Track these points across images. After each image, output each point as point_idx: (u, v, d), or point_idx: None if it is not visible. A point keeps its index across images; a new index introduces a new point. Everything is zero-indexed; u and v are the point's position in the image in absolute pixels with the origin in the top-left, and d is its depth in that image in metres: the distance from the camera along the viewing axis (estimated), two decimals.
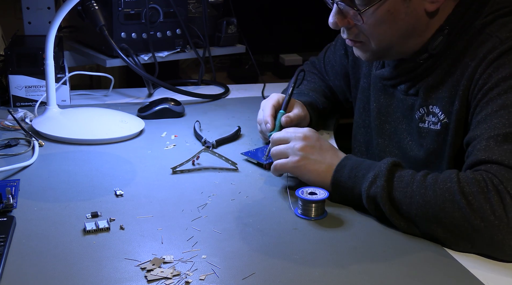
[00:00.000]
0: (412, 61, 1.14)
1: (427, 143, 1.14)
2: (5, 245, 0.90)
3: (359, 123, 1.34)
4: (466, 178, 0.94)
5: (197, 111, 1.60)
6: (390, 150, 1.22)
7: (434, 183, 0.96)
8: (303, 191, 1.05)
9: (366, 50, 1.15)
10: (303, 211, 1.04)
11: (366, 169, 1.04)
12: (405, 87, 1.17)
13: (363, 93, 1.31)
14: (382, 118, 1.24)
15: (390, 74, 1.19)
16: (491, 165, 0.94)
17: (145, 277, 0.85)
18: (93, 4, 1.63)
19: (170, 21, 1.78)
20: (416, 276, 0.89)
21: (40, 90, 1.54)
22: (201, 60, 1.87)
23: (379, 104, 1.24)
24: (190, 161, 1.22)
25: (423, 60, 1.12)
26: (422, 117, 1.14)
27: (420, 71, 1.13)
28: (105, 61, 1.72)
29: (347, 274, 0.88)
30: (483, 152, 0.96)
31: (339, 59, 1.44)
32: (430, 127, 1.13)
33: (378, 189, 1.00)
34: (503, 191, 0.91)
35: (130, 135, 1.39)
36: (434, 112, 1.12)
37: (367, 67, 1.31)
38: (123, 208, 1.05)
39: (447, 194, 0.94)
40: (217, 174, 1.21)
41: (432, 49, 1.10)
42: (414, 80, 1.15)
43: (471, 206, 0.91)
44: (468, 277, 0.89)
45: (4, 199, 1.02)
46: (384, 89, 1.23)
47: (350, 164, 1.07)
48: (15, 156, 1.26)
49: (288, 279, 0.86)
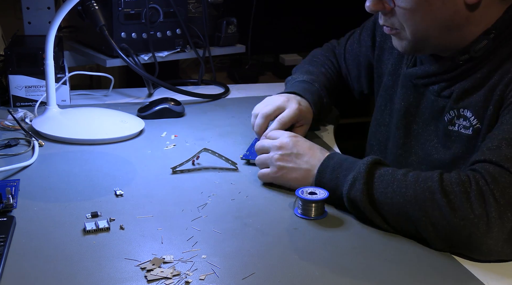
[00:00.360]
0: (450, 60, 1.10)
1: (456, 147, 1.10)
2: (5, 245, 0.90)
3: (380, 121, 1.30)
4: (450, 178, 0.93)
5: (197, 111, 1.60)
6: (415, 150, 1.20)
7: (415, 182, 0.96)
8: (303, 190, 1.05)
9: (402, 39, 1.11)
10: (303, 210, 1.04)
11: (347, 169, 1.04)
12: (438, 88, 1.13)
13: (386, 91, 1.28)
14: (409, 118, 1.20)
15: (425, 72, 1.15)
16: (489, 165, 0.93)
17: (145, 277, 0.85)
18: (93, 4, 1.63)
19: (170, 21, 1.78)
20: (416, 276, 0.89)
21: (40, 90, 1.54)
22: (201, 60, 1.87)
23: (407, 104, 1.20)
24: (190, 161, 1.22)
25: (463, 61, 1.08)
26: (452, 120, 1.10)
27: (458, 73, 1.10)
28: (105, 61, 1.72)
29: (347, 274, 0.88)
30: (491, 152, 0.95)
31: (364, 50, 1.40)
32: (460, 131, 1.09)
33: (357, 193, 1.00)
34: (486, 191, 0.90)
35: (130, 135, 1.39)
36: (466, 116, 1.08)
37: (393, 65, 1.28)
38: (123, 208, 1.05)
39: (427, 193, 0.93)
40: (217, 174, 1.21)
41: (474, 51, 1.06)
42: (450, 81, 1.11)
43: (451, 205, 0.91)
44: (468, 277, 0.89)
45: (4, 199, 1.02)
46: (414, 89, 1.19)
47: (332, 164, 1.07)
48: (15, 156, 1.26)
49: (288, 279, 0.86)
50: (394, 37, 1.14)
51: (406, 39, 1.10)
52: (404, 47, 1.13)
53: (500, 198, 0.89)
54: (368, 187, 0.99)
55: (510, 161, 0.92)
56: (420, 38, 1.09)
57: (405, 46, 1.12)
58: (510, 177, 0.91)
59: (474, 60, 1.07)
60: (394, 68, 1.27)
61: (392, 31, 1.12)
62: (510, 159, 0.92)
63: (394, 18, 1.09)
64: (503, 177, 0.91)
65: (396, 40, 1.14)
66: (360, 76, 1.43)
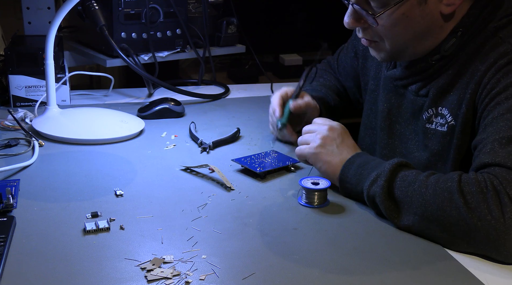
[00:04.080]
0: (424, 61, 1.13)
1: (432, 144, 1.14)
2: (5, 245, 0.90)
3: (367, 125, 1.34)
4: (467, 179, 0.95)
5: (197, 111, 1.60)
6: (399, 150, 1.22)
7: (435, 182, 0.97)
8: (306, 180, 1.09)
9: (380, 50, 1.15)
10: (307, 199, 1.08)
11: (372, 168, 1.06)
12: (416, 87, 1.17)
13: (371, 95, 1.32)
14: (392, 119, 1.24)
15: (402, 73, 1.19)
16: (493, 167, 0.95)
17: (145, 277, 0.85)
18: (93, 4, 1.63)
19: (170, 21, 1.78)
20: (416, 276, 0.89)
21: (40, 90, 1.54)
22: (201, 60, 1.87)
23: (389, 105, 1.23)
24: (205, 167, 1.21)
25: (435, 61, 1.12)
26: (430, 118, 1.14)
27: (431, 72, 1.13)
28: (105, 61, 1.72)
29: (347, 274, 0.88)
30: (488, 155, 0.97)
31: (350, 61, 1.44)
32: (437, 128, 1.13)
33: (377, 189, 1.01)
34: (501, 192, 0.91)
35: (130, 135, 1.39)
36: (443, 114, 1.11)
37: (375, 69, 1.31)
38: (123, 208, 1.05)
39: (446, 193, 0.94)
40: (217, 174, 1.21)
41: (444, 50, 1.10)
42: (425, 80, 1.15)
43: (468, 205, 0.92)
44: (468, 277, 0.89)
45: (4, 199, 1.02)
46: (395, 90, 1.22)
47: (359, 161, 1.09)
48: (15, 156, 1.26)
49: (288, 279, 0.86)
50: (372, 48, 1.17)
51: (385, 50, 1.14)
52: (382, 57, 1.17)
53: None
54: (389, 184, 1.01)
55: (510, 159, 0.94)
56: (399, 49, 1.13)
57: (383, 56, 1.16)
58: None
59: (445, 59, 1.11)
60: (376, 72, 1.31)
61: (371, 43, 1.15)
62: (509, 158, 0.94)
63: (373, 32, 1.12)
64: (510, 175, 0.92)
65: (373, 51, 1.18)
66: (351, 86, 1.47)
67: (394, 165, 1.03)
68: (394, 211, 1.00)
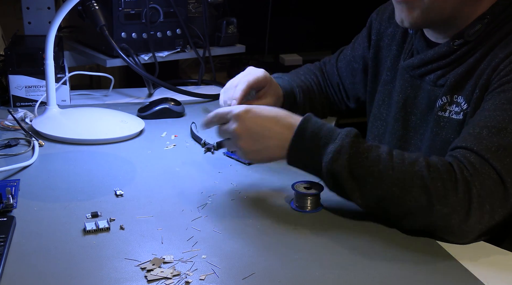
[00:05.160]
0: (446, 46, 1.11)
1: (446, 133, 1.12)
2: (5, 245, 0.90)
3: (377, 116, 1.31)
4: (436, 164, 0.95)
5: (197, 111, 1.60)
6: (414, 141, 1.21)
7: (401, 163, 0.96)
8: (298, 184, 1.07)
9: (414, 8, 1.09)
10: (299, 204, 1.06)
11: (327, 136, 1.00)
12: (434, 77, 1.15)
13: (385, 87, 1.29)
14: (408, 110, 1.22)
15: (421, 60, 1.16)
16: (471, 153, 0.95)
17: (145, 277, 0.85)
18: (93, 4, 1.63)
19: (170, 21, 1.78)
20: (416, 276, 0.89)
21: (40, 90, 1.54)
22: (201, 60, 1.87)
23: (405, 96, 1.21)
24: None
25: (458, 46, 1.10)
26: (443, 106, 1.12)
27: (453, 58, 1.11)
28: (105, 61, 1.72)
29: (347, 274, 0.88)
30: (472, 139, 0.96)
31: (360, 53, 1.40)
32: (451, 116, 1.11)
33: (340, 168, 0.97)
34: (470, 182, 0.92)
35: (130, 135, 1.39)
36: (458, 102, 1.10)
37: (391, 60, 1.29)
38: (123, 208, 1.05)
39: (415, 178, 0.94)
40: (217, 174, 1.21)
41: (468, 35, 1.08)
42: (445, 68, 1.13)
43: (439, 192, 0.92)
44: (468, 277, 0.89)
45: (4, 199, 1.02)
46: (411, 81, 1.20)
47: (311, 127, 1.02)
48: (15, 156, 1.26)
49: (288, 279, 0.86)
50: (404, 7, 1.11)
51: (420, 8, 1.08)
52: (414, 17, 1.10)
53: (481, 189, 0.92)
54: (351, 162, 0.97)
55: (490, 151, 0.94)
56: (437, 7, 1.08)
57: (415, 17, 1.10)
58: (490, 168, 0.93)
59: (468, 45, 1.09)
60: (393, 63, 1.29)
61: None
62: (489, 149, 0.94)
63: None
64: (484, 168, 0.93)
65: (405, 11, 1.11)
66: (355, 82, 1.43)
67: (352, 137, 0.98)
68: (356, 190, 0.98)
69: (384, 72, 1.31)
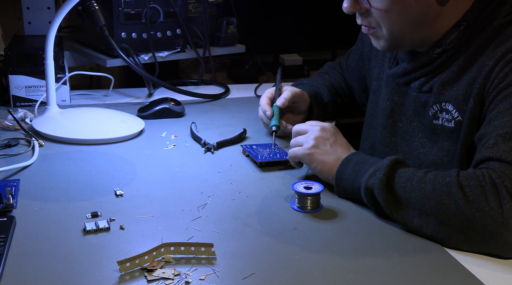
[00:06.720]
0: (426, 55, 1.14)
1: (442, 140, 1.14)
2: (5, 245, 0.90)
3: (370, 124, 1.35)
4: (466, 173, 0.96)
5: (197, 111, 1.60)
6: (401, 148, 1.23)
7: (434, 178, 0.98)
8: (298, 184, 1.07)
9: (379, 37, 1.16)
10: (299, 204, 1.06)
11: (369, 165, 1.07)
12: (419, 84, 1.17)
13: (373, 95, 1.33)
14: (395, 117, 1.24)
15: (405, 69, 1.19)
16: (493, 162, 0.96)
17: (145, 277, 0.86)
18: (93, 4, 1.63)
19: (170, 21, 1.78)
20: (416, 276, 0.89)
21: (40, 90, 1.54)
22: (201, 60, 1.87)
23: (392, 103, 1.24)
24: None
25: (438, 54, 1.12)
26: (435, 114, 1.14)
27: (435, 66, 1.14)
28: (105, 61, 1.72)
29: (347, 274, 0.88)
30: (490, 150, 0.98)
31: (355, 64, 1.46)
32: (444, 124, 1.13)
33: (376, 181, 1.02)
34: (500, 184, 0.92)
35: (130, 135, 1.39)
36: (448, 109, 1.12)
37: (378, 70, 1.32)
38: (123, 208, 1.05)
39: (444, 188, 0.95)
40: (217, 174, 1.21)
41: (446, 44, 1.11)
42: (428, 75, 1.15)
43: (466, 197, 0.93)
44: (468, 277, 0.89)
45: (4, 199, 1.02)
46: (397, 88, 1.23)
47: (356, 159, 1.10)
48: (15, 156, 1.26)
49: (288, 279, 0.86)
50: (372, 36, 1.18)
51: (383, 37, 1.15)
52: (382, 45, 1.17)
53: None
54: (388, 178, 1.01)
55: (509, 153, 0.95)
56: (396, 36, 1.13)
57: (383, 45, 1.17)
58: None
59: (448, 52, 1.12)
60: (378, 72, 1.32)
61: (370, 30, 1.16)
62: (509, 152, 0.95)
63: (371, 17, 1.13)
64: (509, 170, 0.93)
65: (374, 39, 1.19)
66: (357, 88, 1.48)
67: (392, 161, 1.03)
68: (392, 203, 1.00)
69: (373, 82, 1.35)
